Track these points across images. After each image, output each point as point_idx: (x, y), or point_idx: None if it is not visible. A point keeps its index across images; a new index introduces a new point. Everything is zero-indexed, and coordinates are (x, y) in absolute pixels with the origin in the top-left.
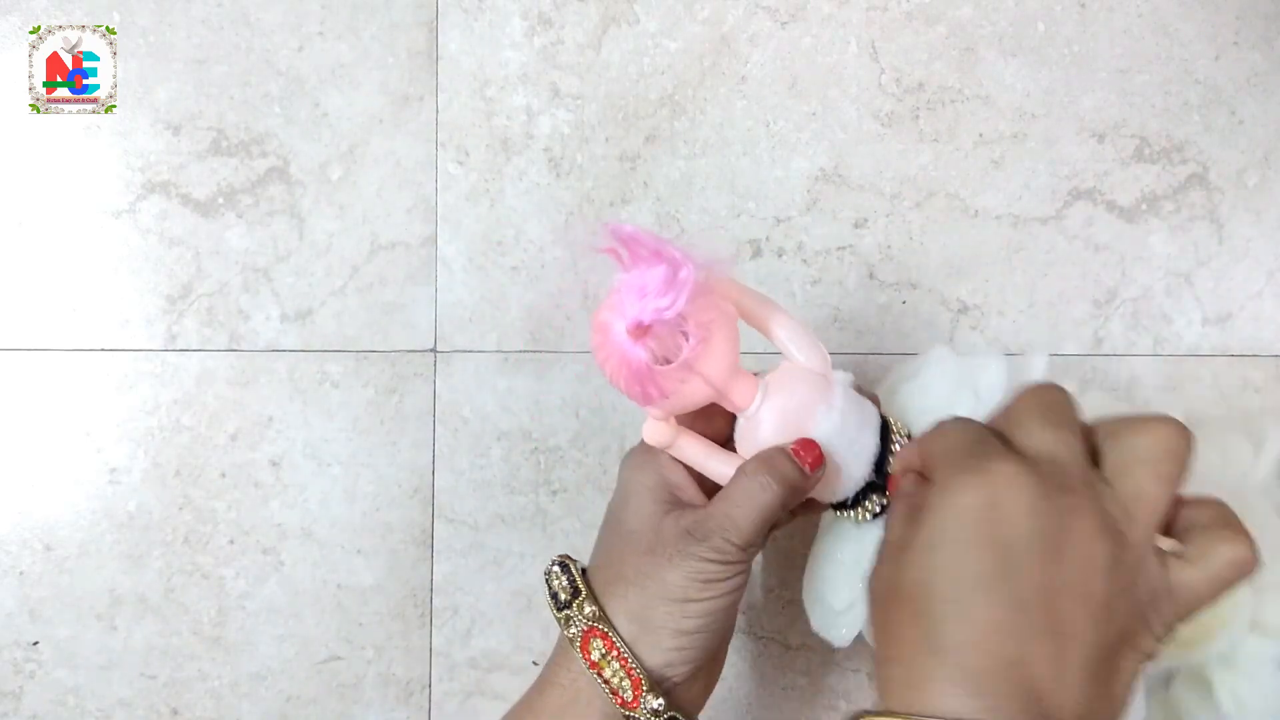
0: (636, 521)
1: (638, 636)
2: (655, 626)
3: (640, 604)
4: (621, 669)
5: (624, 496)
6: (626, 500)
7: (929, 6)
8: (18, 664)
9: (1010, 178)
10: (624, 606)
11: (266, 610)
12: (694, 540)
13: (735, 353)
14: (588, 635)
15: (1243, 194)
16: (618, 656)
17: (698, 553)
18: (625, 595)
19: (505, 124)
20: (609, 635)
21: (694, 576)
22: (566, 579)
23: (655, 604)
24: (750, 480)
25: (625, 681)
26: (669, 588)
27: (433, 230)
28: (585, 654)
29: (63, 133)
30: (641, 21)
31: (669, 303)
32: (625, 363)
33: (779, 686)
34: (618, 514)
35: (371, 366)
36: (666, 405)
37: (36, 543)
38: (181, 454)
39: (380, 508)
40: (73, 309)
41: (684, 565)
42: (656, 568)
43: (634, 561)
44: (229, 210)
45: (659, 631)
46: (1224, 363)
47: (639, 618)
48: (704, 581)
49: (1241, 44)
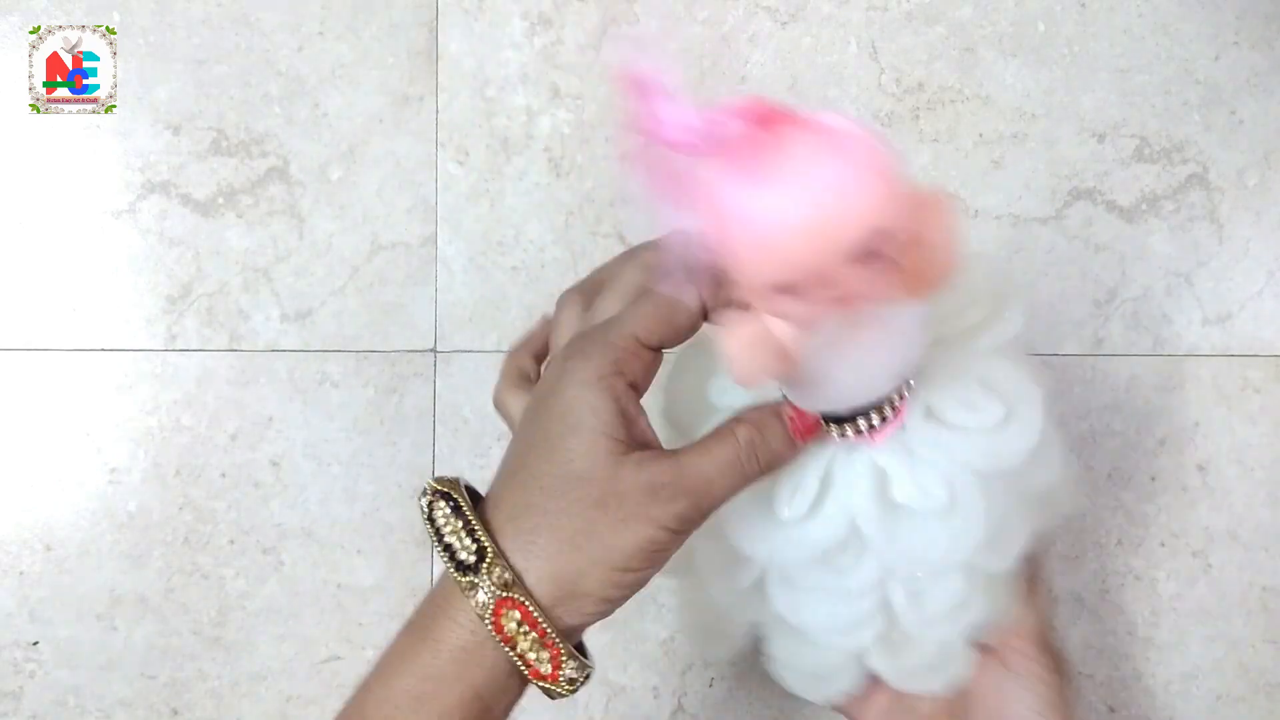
0: (585, 462)
1: (558, 602)
2: (581, 593)
3: (569, 566)
4: (539, 641)
5: (565, 420)
6: (570, 427)
7: (929, 6)
8: (18, 664)
9: (1010, 178)
10: (546, 569)
11: (266, 610)
12: (658, 502)
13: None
14: (501, 606)
15: (1243, 194)
16: (536, 628)
17: (657, 518)
18: (548, 553)
19: (505, 124)
20: (527, 607)
21: (644, 545)
22: (463, 528)
23: (588, 569)
24: (740, 442)
25: (543, 654)
26: (611, 553)
27: (433, 230)
28: (498, 628)
29: (63, 133)
30: (641, 21)
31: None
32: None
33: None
34: (555, 442)
35: (371, 366)
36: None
37: (36, 543)
38: (181, 454)
39: (380, 508)
40: (73, 309)
41: (639, 530)
42: (603, 528)
43: (574, 513)
44: (229, 210)
45: (584, 599)
46: (1224, 363)
47: (564, 582)
48: (652, 551)
49: (1241, 44)
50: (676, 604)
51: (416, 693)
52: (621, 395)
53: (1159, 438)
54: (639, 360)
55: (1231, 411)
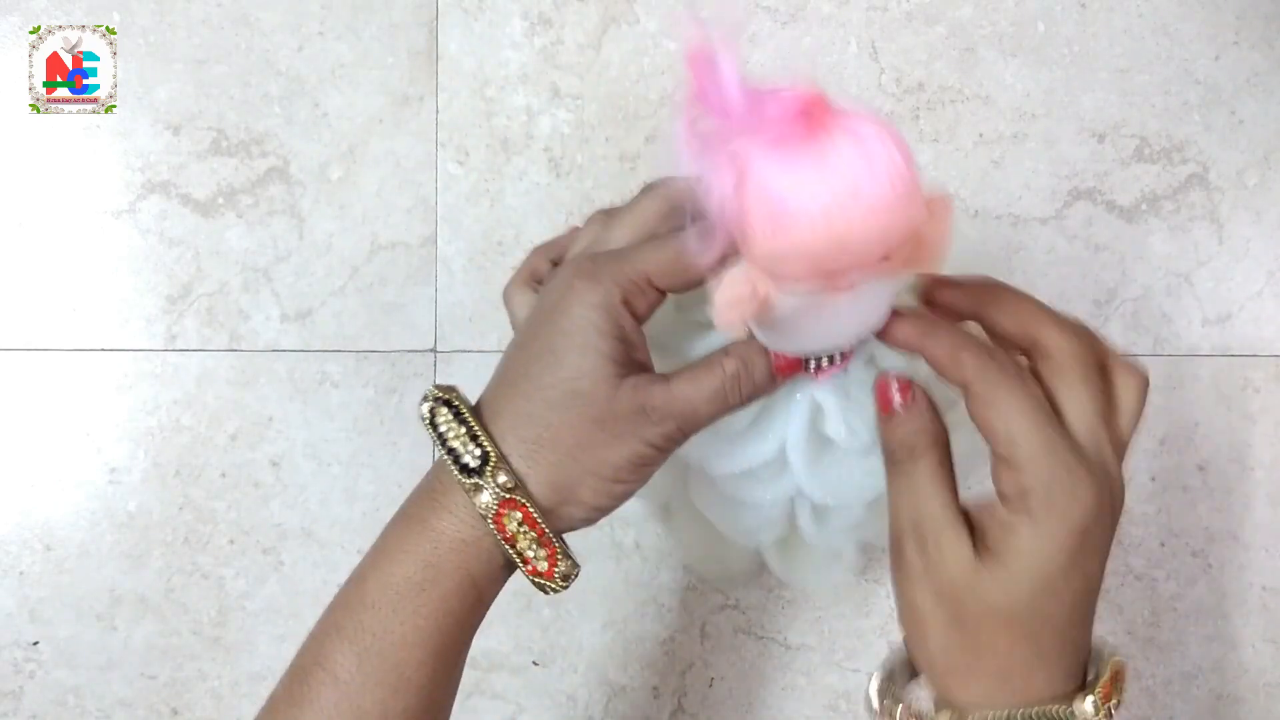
0: (588, 381)
1: (555, 506)
2: (576, 499)
3: (566, 475)
4: (538, 540)
5: (572, 338)
6: (577, 346)
7: (929, 6)
8: (18, 664)
9: (1010, 178)
10: (546, 475)
11: (266, 610)
12: (649, 423)
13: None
14: (504, 506)
15: (1243, 194)
16: (535, 528)
17: (646, 436)
18: (549, 462)
19: (505, 124)
20: (529, 509)
21: (634, 460)
22: (466, 433)
23: (583, 478)
24: (726, 374)
25: (540, 552)
26: (603, 465)
27: (433, 230)
28: (500, 527)
29: (63, 133)
30: (641, 21)
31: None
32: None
33: (779, 686)
34: (560, 357)
35: (371, 366)
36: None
37: (36, 543)
38: (181, 454)
39: (380, 508)
40: (73, 309)
41: (629, 446)
42: (599, 443)
43: (574, 427)
44: (229, 210)
45: (579, 504)
46: (1224, 363)
47: (561, 489)
48: (640, 465)
49: (1241, 44)
50: (674, 546)
51: (418, 579)
52: (625, 322)
53: (1159, 438)
54: (645, 298)
55: (1231, 411)
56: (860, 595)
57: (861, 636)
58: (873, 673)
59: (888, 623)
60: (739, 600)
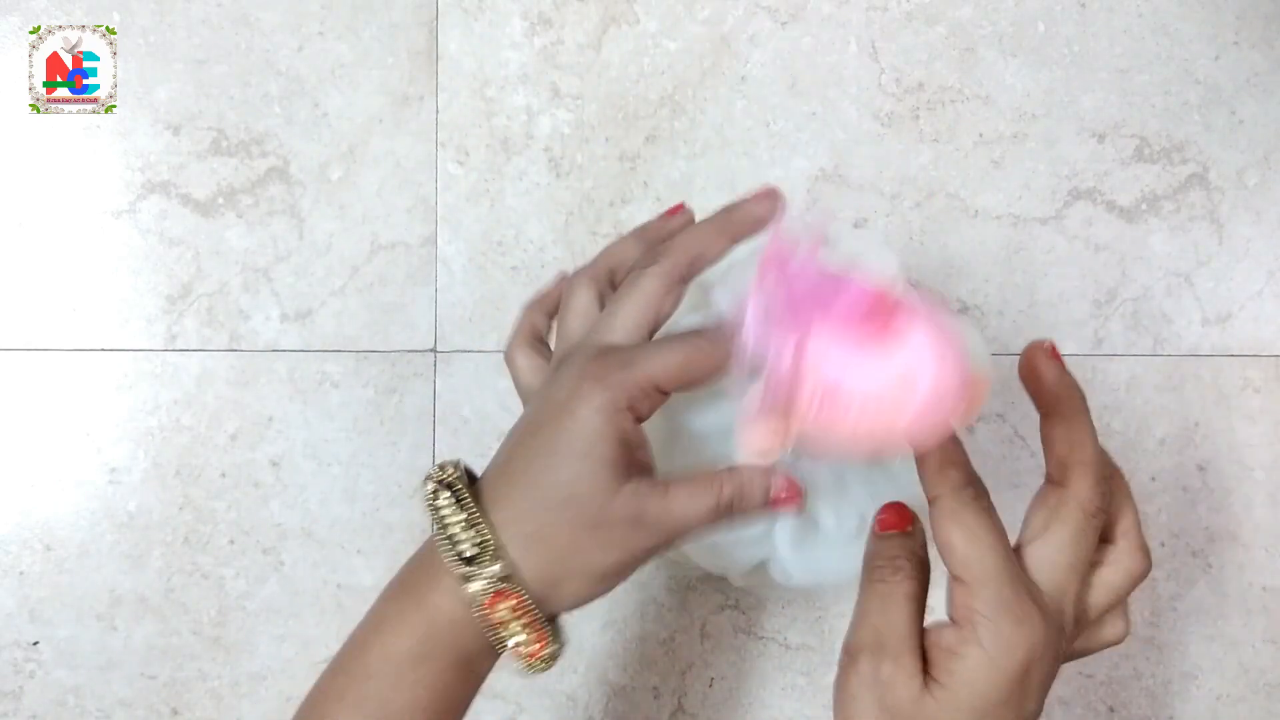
0: (585, 486)
1: (545, 596)
2: (565, 594)
3: (555, 571)
4: (528, 626)
5: (574, 442)
6: (578, 451)
7: (929, 6)
8: (18, 664)
9: (1010, 178)
10: (538, 568)
11: (266, 610)
12: (640, 534)
13: None
14: (497, 596)
15: (1243, 194)
16: (525, 615)
17: (635, 546)
18: (542, 557)
19: (505, 124)
20: (523, 597)
21: (620, 565)
22: (466, 520)
23: (571, 577)
24: (723, 497)
25: (530, 636)
26: (591, 568)
27: (433, 230)
28: (490, 614)
29: (63, 133)
30: (641, 21)
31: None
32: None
33: (779, 686)
34: (561, 459)
35: (371, 366)
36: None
37: (36, 543)
38: (181, 454)
39: (380, 508)
40: (73, 309)
41: (617, 553)
42: (590, 548)
43: (568, 530)
44: (229, 210)
45: (564, 597)
46: (1224, 363)
47: (549, 581)
48: (626, 569)
49: (1241, 44)
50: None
51: (417, 653)
52: (628, 427)
53: (1159, 438)
54: (650, 401)
55: (1231, 411)
56: None
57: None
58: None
59: None
60: (739, 600)
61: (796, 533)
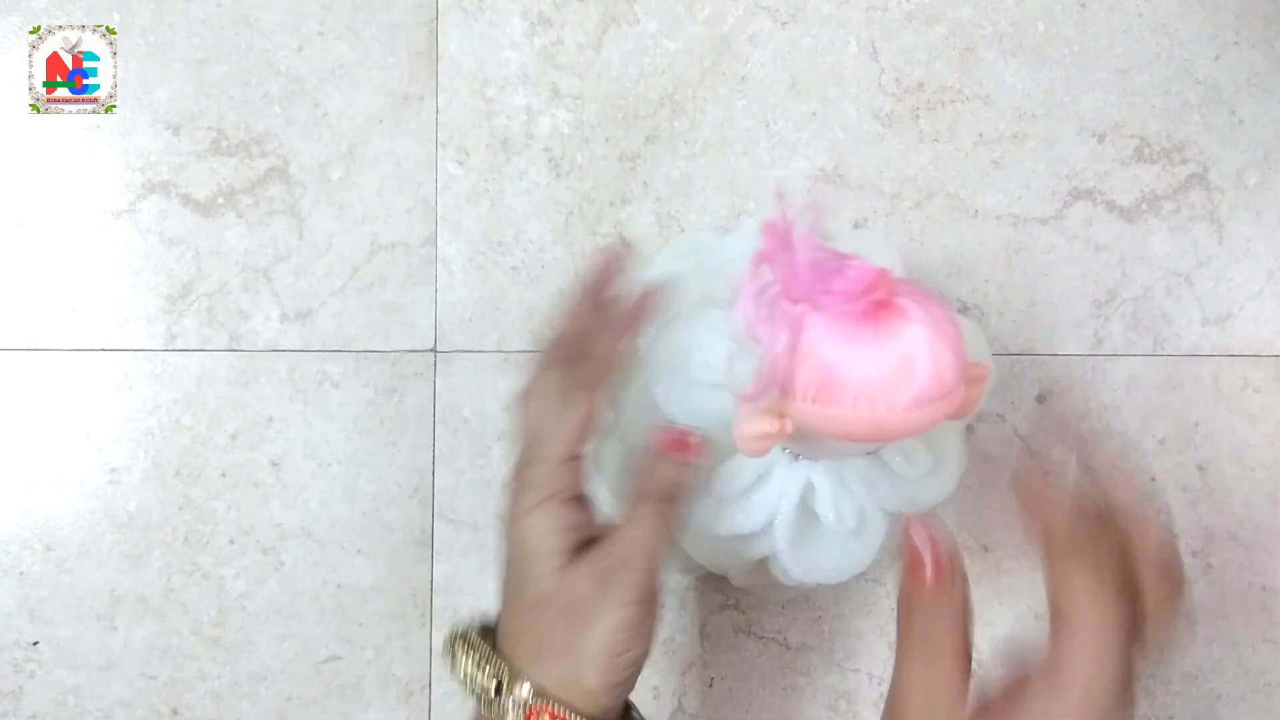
0: (543, 584)
1: (576, 697)
2: (594, 685)
3: (567, 672)
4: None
5: (523, 551)
6: (527, 556)
7: (929, 6)
8: (18, 664)
9: (1010, 178)
10: (555, 676)
11: (266, 610)
12: (613, 585)
13: None
14: (531, 715)
15: (1243, 194)
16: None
17: (617, 598)
18: (550, 663)
19: (505, 124)
20: (553, 709)
21: (618, 627)
22: (479, 658)
23: (582, 668)
24: (659, 502)
25: None
26: (594, 647)
27: (433, 230)
28: None
29: (63, 133)
30: (641, 21)
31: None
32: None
33: (779, 686)
34: (520, 571)
35: (371, 366)
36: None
37: (36, 543)
38: (181, 454)
39: (380, 508)
40: (73, 309)
41: (605, 618)
42: (578, 631)
43: (550, 628)
44: (229, 210)
45: (595, 694)
46: (1224, 363)
47: (572, 681)
48: (629, 627)
49: (1241, 44)
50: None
51: None
52: (560, 512)
53: (1159, 438)
54: (567, 473)
55: (1231, 411)
56: (861, 595)
57: (861, 636)
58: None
59: (887, 623)
60: (739, 600)
61: (796, 530)
